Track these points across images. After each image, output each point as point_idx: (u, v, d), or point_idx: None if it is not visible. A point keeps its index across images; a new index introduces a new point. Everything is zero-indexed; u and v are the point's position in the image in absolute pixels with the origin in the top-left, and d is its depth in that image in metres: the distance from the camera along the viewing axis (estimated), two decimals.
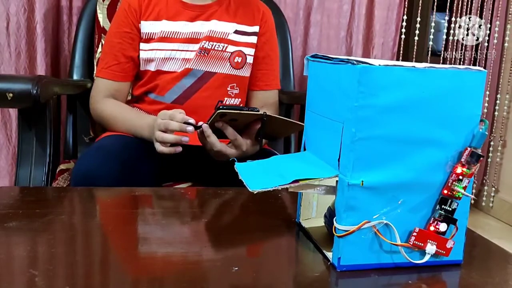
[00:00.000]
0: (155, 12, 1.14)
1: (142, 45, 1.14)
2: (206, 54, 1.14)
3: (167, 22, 1.14)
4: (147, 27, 1.14)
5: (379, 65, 0.51)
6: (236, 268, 0.53)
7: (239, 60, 1.17)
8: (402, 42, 2.07)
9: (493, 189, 2.35)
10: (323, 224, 0.63)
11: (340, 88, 0.54)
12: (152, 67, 1.15)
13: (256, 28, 1.20)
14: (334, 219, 0.54)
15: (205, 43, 1.14)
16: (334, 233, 0.54)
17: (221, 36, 1.15)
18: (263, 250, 0.57)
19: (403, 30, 2.05)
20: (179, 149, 0.93)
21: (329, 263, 0.55)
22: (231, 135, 0.94)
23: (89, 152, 1.00)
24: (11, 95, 1.02)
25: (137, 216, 0.69)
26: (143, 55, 1.14)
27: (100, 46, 1.45)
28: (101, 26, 1.44)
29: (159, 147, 0.94)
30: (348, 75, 0.52)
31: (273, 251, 0.57)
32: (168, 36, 1.13)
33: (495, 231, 2.19)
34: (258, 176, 0.59)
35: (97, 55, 1.45)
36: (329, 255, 0.56)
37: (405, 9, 2.05)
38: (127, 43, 1.14)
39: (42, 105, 1.09)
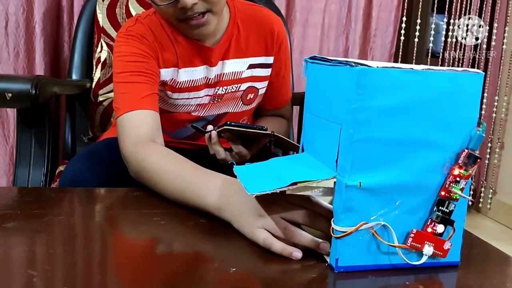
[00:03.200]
0: (167, 58, 1.00)
1: None
2: (219, 100, 1.06)
3: (180, 70, 1.01)
4: (161, 73, 1.00)
5: (377, 67, 0.51)
6: (234, 269, 0.53)
7: (252, 96, 1.10)
8: (401, 44, 2.08)
9: (491, 191, 2.36)
10: None
11: (338, 90, 0.54)
12: (160, 105, 1.04)
13: (270, 59, 1.09)
14: (332, 220, 0.54)
15: (219, 89, 1.05)
16: (332, 234, 0.54)
17: (235, 77, 1.05)
18: (260, 251, 0.57)
19: (403, 31, 2.06)
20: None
21: (326, 264, 0.55)
22: (235, 148, 0.94)
23: (77, 158, 0.98)
24: (10, 95, 1.02)
25: (136, 217, 0.69)
26: None
27: (99, 46, 1.45)
28: (101, 26, 1.45)
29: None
30: (346, 77, 0.53)
31: (270, 252, 0.57)
32: (180, 86, 1.02)
33: (493, 232, 2.19)
34: (257, 178, 0.59)
35: (96, 55, 1.45)
36: (327, 256, 0.56)
37: (405, 11, 2.06)
38: (157, 76, 0.98)
39: (41, 105, 1.09)
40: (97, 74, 1.44)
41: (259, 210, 0.59)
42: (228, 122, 0.88)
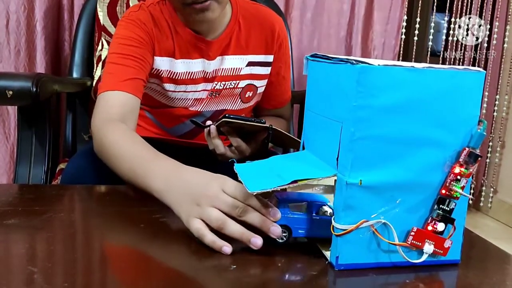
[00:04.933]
0: (164, 47, 1.00)
1: (150, 79, 1.03)
2: (217, 95, 1.07)
3: (176, 60, 1.01)
4: (156, 62, 1.01)
5: (378, 65, 0.51)
6: (234, 267, 0.53)
7: (250, 94, 1.10)
8: (402, 42, 2.07)
9: (492, 189, 2.36)
10: None
11: (339, 88, 0.54)
12: (158, 99, 1.06)
13: (270, 58, 1.09)
14: (333, 218, 0.54)
15: (216, 84, 1.05)
16: (332, 232, 0.54)
17: (234, 73, 1.06)
18: (260, 249, 0.57)
19: (403, 30, 2.06)
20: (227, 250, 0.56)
21: (327, 262, 0.55)
22: (234, 141, 0.94)
23: (78, 156, 0.98)
24: (10, 92, 1.02)
25: (136, 214, 0.69)
26: (151, 85, 1.05)
27: (100, 44, 1.45)
28: (101, 24, 1.45)
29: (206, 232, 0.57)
30: (347, 75, 0.52)
31: (270, 249, 0.57)
32: (177, 77, 1.02)
33: (493, 231, 2.19)
34: (257, 176, 0.59)
35: (97, 53, 1.45)
36: (327, 254, 0.56)
37: (405, 9, 2.06)
38: (148, 64, 0.98)
39: (41, 103, 1.09)
40: (97, 72, 1.45)
41: (197, 200, 0.59)
42: (226, 115, 0.88)
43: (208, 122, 0.95)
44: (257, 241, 0.56)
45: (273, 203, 0.59)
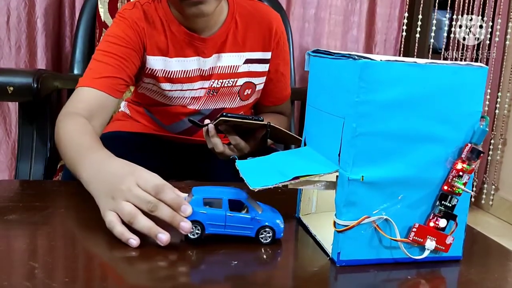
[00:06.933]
0: (157, 45, 0.99)
1: (145, 79, 1.03)
2: (215, 94, 1.06)
3: (170, 59, 1.00)
4: (150, 62, 1.00)
5: (381, 60, 0.50)
6: (235, 262, 0.53)
7: (249, 92, 1.09)
8: (403, 40, 2.07)
9: (493, 187, 2.35)
10: (323, 219, 0.63)
11: (341, 83, 0.54)
12: (156, 98, 1.05)
13: (268, 55, 1.08)
14: (334, 214, 0.54)
15: (214, 82, 1.04)
16: (334, 228, 0.54)
17: (231, 71, 1.04)
18: (262, 244, 0.57)
19: (404, 27, 2.05)
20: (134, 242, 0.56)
21: (328, 258, 0.55)
22: (233, 140, 0.94)
23: None
24: (11, 88, 1.02)
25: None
26: (147, 86, 1.04)
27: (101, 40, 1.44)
28: (102, 20, 1.44)
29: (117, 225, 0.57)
30: (349, 70, 0.52)
31: (272, 245, 0.57)
32: (173, 76, 1.01)
33: (495, 229, 2.19)
34: (259, 173, 0.59)
35: None
36: (329, 250, 0.56)
37: (407, 6, 2.05)
38: (132, 64, 0.97)
39: (42, 99, 1.09)
40: None
41: (113, 193, 0.59)
42: (224, 114, 0.88)
43: (206, 121, 0.94)
44: (162, 237, 0.55)
45: (189, 198, 0.58)
